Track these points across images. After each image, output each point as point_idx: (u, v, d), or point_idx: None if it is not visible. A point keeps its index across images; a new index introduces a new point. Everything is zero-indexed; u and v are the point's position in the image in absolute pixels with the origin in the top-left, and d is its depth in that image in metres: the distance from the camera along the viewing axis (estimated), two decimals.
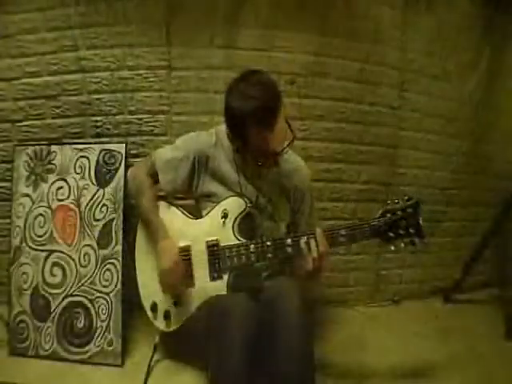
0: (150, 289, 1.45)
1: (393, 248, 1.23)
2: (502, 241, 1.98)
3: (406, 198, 1.24)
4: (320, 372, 1.20)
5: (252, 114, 1.15)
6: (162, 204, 1.47)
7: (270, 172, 1.36)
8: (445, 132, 2.09)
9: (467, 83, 2.07)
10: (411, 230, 1.21)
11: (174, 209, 1.46)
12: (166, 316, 1.41)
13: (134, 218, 1.64)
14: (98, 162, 1.69)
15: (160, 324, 1.43)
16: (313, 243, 1.20)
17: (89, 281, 1.61)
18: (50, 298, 1.61)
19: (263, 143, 1.20)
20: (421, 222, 1.20)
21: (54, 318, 1.60)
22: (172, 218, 1.44)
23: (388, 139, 1.97)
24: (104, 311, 1.58)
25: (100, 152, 1.69)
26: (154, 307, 1.44)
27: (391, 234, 1.22)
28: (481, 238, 2.05)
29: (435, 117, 2.05)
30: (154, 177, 1.46)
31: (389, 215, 1.22)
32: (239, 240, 1.33)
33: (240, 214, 1.36)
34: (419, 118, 2.01)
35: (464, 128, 2.14)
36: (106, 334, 1.56)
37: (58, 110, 1.77)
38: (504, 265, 1.96)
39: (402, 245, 1.23)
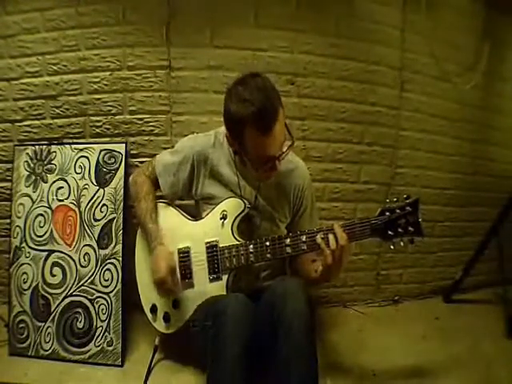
0: (149, 291, 1.45)
1: (392, 247, 1.23)
2: (502, 241, 1.97)
3: (405, 196, 1.24)
4: (320, 372, 1.19)
5: (250, 119, 1.14)
6: (162, 205, 1.48)
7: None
8: (445, 132, 2.09)
9: (467, 83, 2.07)
10: (410, 229, 1.21)
11: (173, 210, 1.47)
12: (166, 318, 1.41)
13: (134, 218, 1.65)
14: (97, 161, 1.69)
15: (160, 326, 1.44)
16: (331, 238, 1.20)
17: (89, 281, 1.61)
18: (50, 298, 1.61)
19: (261, 148, 1.19)
20: (420, 220, 1.20)
21: (54, 318, 1.60)
22: (171, 219, 1.45)
23: (388, 139, 1.97)
24: (104, 311, 1.58)
25: (100, 152, 1.70)
26: (153, 309, 1.44)
27: (390, 233, 1.22)
28: (481, 237, 2.05)
29: (435, 117, 2.05)
30: (154, 182, 1.47)
31: (388, 214, 1.22)
32: (238, 241, 1.34)
33: (239, 214, 1.36)
34: (419, 117, 2.01)
35: (464, 128, 2.14)
36: (106, 334, 1.56)
37: (58, 110, 1.77)
38: (504, 265, 1.96)
39: (402, 243, 1.23)
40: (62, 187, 1.68)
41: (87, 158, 1.70)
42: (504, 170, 2.31)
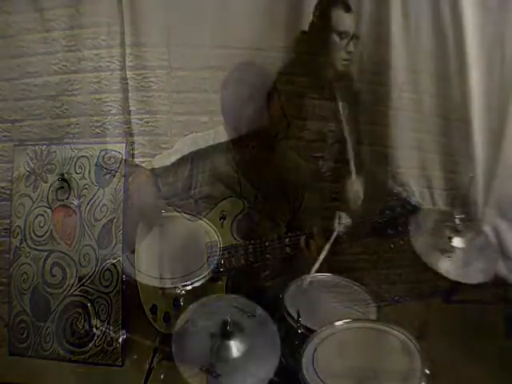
0: (149, 291, 1.45)
1: (392, 246, 1.23)
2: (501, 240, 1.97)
3: (406, 195, 1.24)
4: (319, 373, 1.19)
5: (245, 95, 1.18)
6: None
7: (268, 171, 1.36)
8: (445, 132, 2.08)
9: (467, 83, 2.06)
10: (411, 228, 1.21)
11: (172, 211, 1.46)
12: (166, 318, 1.41)
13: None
14: (97, 161, 1.69)
15: (160, 326, 1.43)
16: (312, 242, 1.21)
17: (89, 281, 1.61)
18: (50, 298, 1.61)
19: (256, 122, 1.21)
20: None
21: (54, 318, 1.60)
22: (170, 220, 1.44)
23: (388, 139, 1.97)
24: (104, 311, 1.58)
25: (100, 152, 1.70)
26: (153, 309, 1.44)
27: (390, 232, 1.22)
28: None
29: (435, 117, 2.04)
30: (155, 183, 1.47)
31: (388, 212, 1.23)
32: (237, 241, 1.34)
33: (238, 214, 1.36)
34: (419, 117, 2.00)
35: (464, 128, 2.13)
36: (106, 334, 1.56)
37: (57, 110, 1.76)
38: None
39: (402, 242, 1.23)
40: (62, 187, 1.69)
41: (87, 157, 1.70)
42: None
